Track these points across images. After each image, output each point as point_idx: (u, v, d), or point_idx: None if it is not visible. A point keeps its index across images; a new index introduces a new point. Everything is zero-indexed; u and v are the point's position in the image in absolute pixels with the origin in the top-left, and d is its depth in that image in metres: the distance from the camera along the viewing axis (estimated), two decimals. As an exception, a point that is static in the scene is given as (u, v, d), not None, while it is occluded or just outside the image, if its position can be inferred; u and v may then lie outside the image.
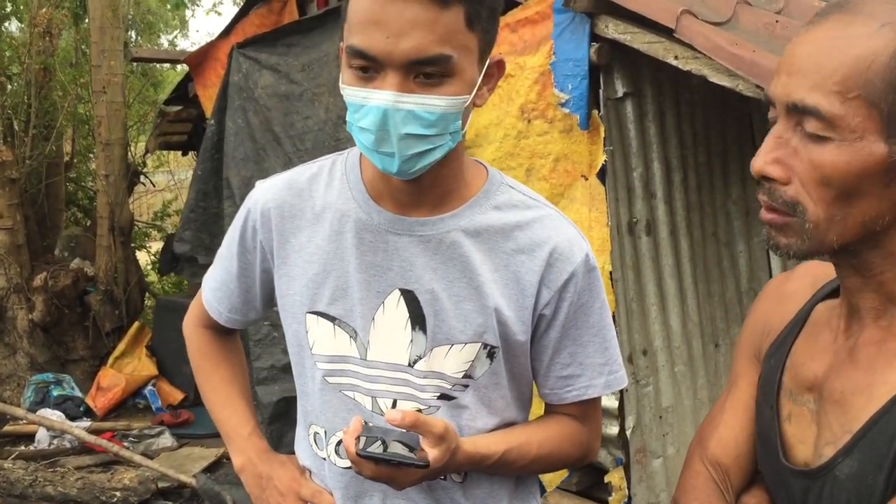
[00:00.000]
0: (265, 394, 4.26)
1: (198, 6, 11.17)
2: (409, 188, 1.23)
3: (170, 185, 8.72)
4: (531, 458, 1.30)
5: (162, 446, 4.96)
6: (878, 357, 0.93)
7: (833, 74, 0.85)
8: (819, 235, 0.90)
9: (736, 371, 1.20)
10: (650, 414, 3.30)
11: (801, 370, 1.04)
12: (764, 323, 1.16)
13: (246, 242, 1.37)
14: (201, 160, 4.85)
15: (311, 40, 4.23)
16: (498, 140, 3.37)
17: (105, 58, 5.90)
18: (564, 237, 1.27)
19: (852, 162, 0.86)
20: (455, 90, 1.13)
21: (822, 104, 0.86)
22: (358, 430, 1.14)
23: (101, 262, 6.03)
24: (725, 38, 2.66)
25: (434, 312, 1.25)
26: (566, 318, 1.28)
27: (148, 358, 5.83)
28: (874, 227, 0.89)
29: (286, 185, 1.34)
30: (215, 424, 1.47)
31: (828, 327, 1.04)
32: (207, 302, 1.46)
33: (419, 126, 1.12)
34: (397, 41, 1.08)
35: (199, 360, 1.51)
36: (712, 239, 3.58)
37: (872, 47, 0.84)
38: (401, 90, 1.10)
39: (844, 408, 0.95)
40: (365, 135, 1.14)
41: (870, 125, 0.85)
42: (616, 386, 1.34)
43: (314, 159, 1.39)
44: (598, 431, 1.42)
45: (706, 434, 1.19)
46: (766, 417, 1.08)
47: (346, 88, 1.15)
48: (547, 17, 3.16)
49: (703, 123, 3.51)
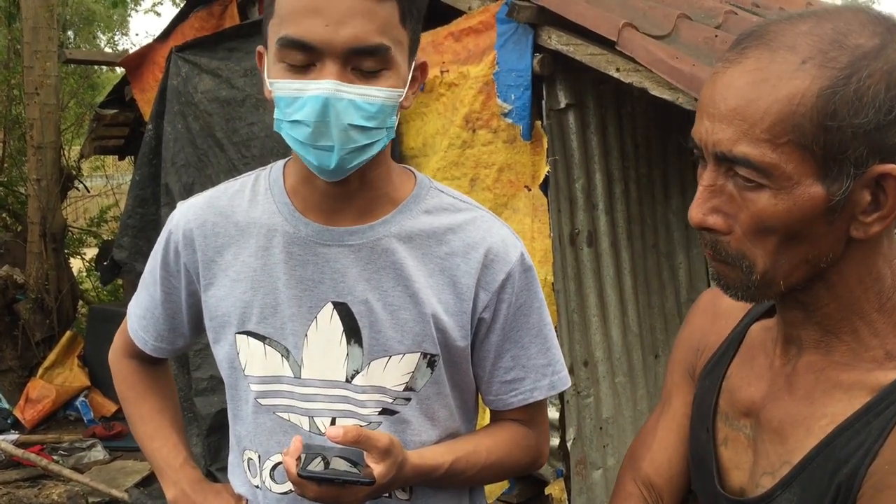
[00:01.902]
0: (204, 405, 4.16)
1: (137, 7, 10.95)
2: (336, 193, 1.20)
3: (106, 189, 8.48)
4: (480, 467, 1.27)
5: (93, 460, 4.82)
6: (816, 386, 0.92)
7: (760, 122, 0.81)
8: (766, 283, 0.88)
9: (668, 388, 1.18)
10: (591, 425, 3.31)
11: (738, 394, 1.02)
12: (698, 339, 1.14)
13: (169, 266, 1.32)
14: (139, 165, 4.73)
15: (253, 45, 4.15)
16: (443, 149, 3.35)
17: (38, 59, 5.72)
18: (498, 237, 1.25)
19: (792, 209, 0.83)
20: (392, 83, 1.12)
21: (752, 154, 0.82)
22: (298, 449, 1.10)
23: (31, 269, 5.83)
24: (666, 51, 2.69)
25: (369, 324, 1.22)
26: (506, 320, 1.26)
27: (80, 368, 5.64)
28: (819, 264, 0.87)
29: (207, 204, 1.30)
30: (146, 457, 1.42)
31: (763, 350, 1.02)
32: (133, 331, 1.41)
33: (360, 117, 1.10)
34: (337, 29, 1.06)
35: (126, 392, 1.46)
36: (653, 250, 3.62)
37: (797, 88, 0.80)
38: (341, 79, 1.08)
39: (782, 437, 0.93)
40: (300, 129, 1.10)
41: (804, 169, 0.82)
42: (561, 386, 1.32)
43: (250, 171, 1.35)
44: (546, 435, 1.40)
45: (639, 454, 1.17)
46: (702, 440, 1.06)
47: (277, 82, 1.11)
48: (490, 27, 3.16)
49: (645, 135, 3.55)
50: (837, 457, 0.86)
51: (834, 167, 0.81)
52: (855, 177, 0.81)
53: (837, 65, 0.80)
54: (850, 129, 0.80)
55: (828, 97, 0.80)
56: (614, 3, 3.10)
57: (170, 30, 4.68)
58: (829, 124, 0.80)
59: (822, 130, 0.80)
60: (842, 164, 0.81)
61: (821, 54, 0.81)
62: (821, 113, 0.80)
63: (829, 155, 0.81)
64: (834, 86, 0.80)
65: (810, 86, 0.80)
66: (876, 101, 0.79)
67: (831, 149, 0.81)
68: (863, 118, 0.79)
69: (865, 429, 0.85)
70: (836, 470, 0.85)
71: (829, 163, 0.81)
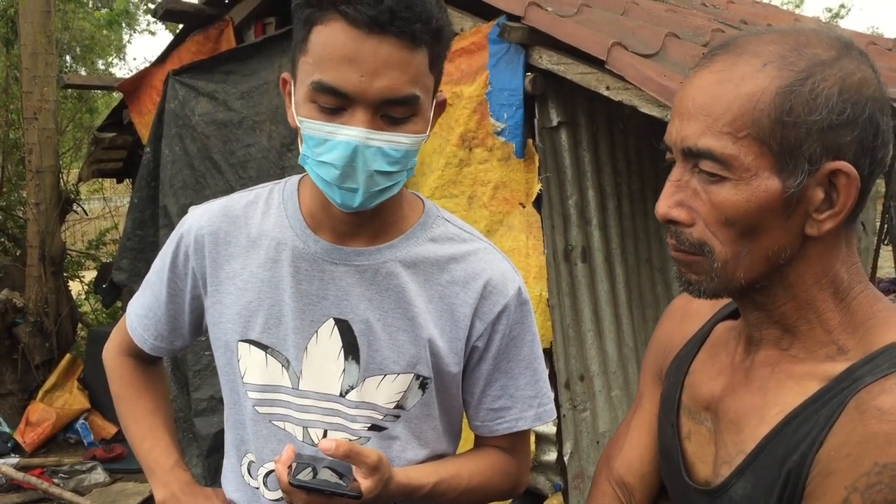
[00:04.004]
0: (204, 426, 4.17)
1: (135, 29, 11.03)
2: (349, 219, 1.24)
3: (105, 213, 8.51)
4: (461, 490, 1.31)
5: (94, 482, 4.81)
6: (770, 378, 0.96)
7: (723, 116, 0.88)
8: (727, 274, 0.93)
9: (640, 390, 1.23)
10: (588, 439, 3.33)
11: (699, 389, 1.07)
12: (666, 342, 1.19)
13: (177, 268, 1.35)
14: (137, 188, 4.76)
15: (250, 68, 4.21)
16: (440, 168, 3.40)
17: (37, 84, 5.78)
18: (498, 271, 1.29)
19: (750, 199, 0.89)
20: (417, 128, 1.15)
21: (714, 146, 0.89)
22: (290, 458, 1.13)
23: (30, 292, 5.85)
24: (654, 69, 2.74)
25: (368, 342, 1.25)
26: (498, 351, 1.30)
27: (80, 391, 5.64)
28: (778, 260, 0.92)
29: (221, 211, 1.33)
30: (136, 457, 1.42)
31: (726, 348, 1.07)
32: (132, 329, 1.43)
33: (386, 163, 1.13)
34: (371, 80, 1.08)
35: (121, 390, 1.47)
36: (646, 265, 3.65)
37: (757, 86, 0.87)
38: (371, 127, 1.10)
39: (738, 427, 0.98)
40: (328, 169, 1.13)
41: (762, 162, 0.88)
42: (546, 419, 1.36)
43: (251, 187, 1.38)
44: (527, 463, 1.44)
45: (612, 454, 1.21)
46: (668, 435, 1.10)
47: (307, 122, 1.13)
48: (483, 48, 3.21)
49: (636, 151, 3.59)
50: (787, 445, 0.90)
51: (790, 162, 0.87)
52: (809, 173, 0.87)
53: (795, 68, 0.87)
54: (804, 126, 0.86)
55: (785, 95, 0.87)
56: (603, 22, 3.16)
57: (167, 54, 4.73)
58: (785, 120, 0.86)
59: (780, 126, 0.87)
60: (797, 159, 0.87)
61: (781, 59, 0.88)
62: (778, 109, 0.87)
63: (785, 150, 0.87)
64: (791, 85, 0.87)
65: (769, 85, 0.87)
66: (829, 101, 0.86)
67: (787, 144, 0.87)
68: (817, 116, 0.86)
69: (813, 417, 0.89)
70: (785, 457, 0.90)
71: (785, 157, 0.87)
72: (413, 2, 1.08)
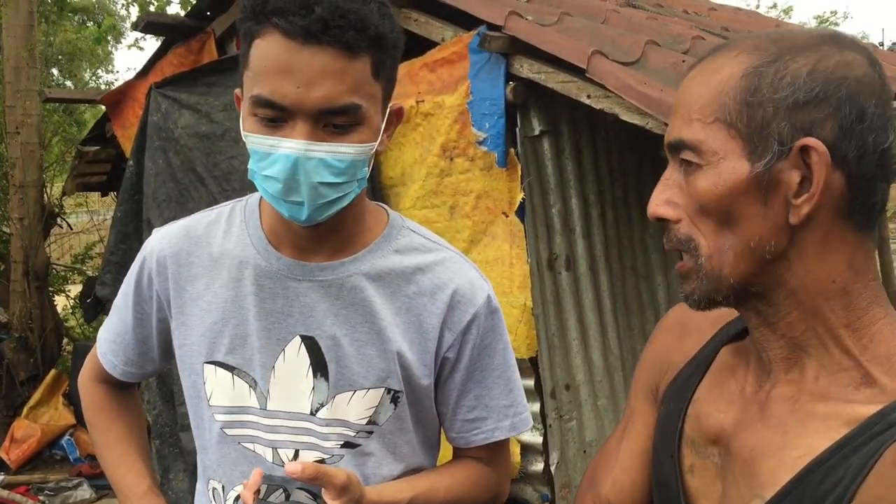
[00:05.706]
0: (190, 440, 4.14)
1: (120, 43, 11.01)
2: (309, 233, 1.22)
3: (89, 226, 8.46)
4: None
5: (80, 499, 4.78)
6: (789, 416, 0.89)
7: (694, 105, 0.89)
8: (714, 271, 0.89)
9: (631, 406, 1.17)
10: (574, 448, 3.31)
11: (706, 421, 0.99)
12: (662, 359, 1.12)
13: (142, 292, 1.33)
14: (120, 202, 4.73)
15: (232, 80, 4.20)
16: (421, 178, 3.39)
17: (20, 98, 5.75)
18: (466, 279, 1.28)
19: (718, 183, 0.87)
20: (363, 138, 1.13)
21: (685, 134, 0.89)
22: (257, 482, 1.11)
23: (14, 308, 5.81)
24: (635, 77, 2.73)
25: (336, 358, 1.23)
26: (470, 361, 1.28)
27: (65, 407, 5.61)
28: (764, 254, 0.87)
29: (183, 232, 1.31)
30: (111, 483, 1.42)
31: (734, 375, 1.00)
32: (102, 355, 1.42)
33: (329, 174, 1.11)
34: (308, 91, 1.07)
35: (94, 417, 1.46)
36: (631, 273, 3.65)
37: (727, 73, 0.87)
38: (311, 139, 1.09)
39: (753, 468, 0.90)
40: (271, 183, 1.12)
41: (731, 146, 0.87)
42: (522, 427, 1.35)
43: (214, 206, 1.37)
44: (506, 473, 1.42)
45: (600, 476, 1.15)
46: (667, 466, 1.03)
47: (251, 136, 1.12)
48: (464, 57, 3.21)
49: (619, 159, 3.59)
50: (814, 494, 0.83)
51: (759, 144, 0.86)
52: (780, 154, 0.85)
53: (766, 52, 0.87)
54: (770, 105, 0.85)
55: (751, 77, 0.86)
56: (584, 31, 3.16)
57: (149, 66, 4.71)
58: (750, 99, 0.85)
59: (745, 106, 0.86)
60: (767, 140, 0.85)
61: (755, 48, 0.88)
62: (744, 91, 0.86)
63: (752, 130, 0.86)
64: (759, 66, 0.86)
65: (737, 69, 0.87)
66: (797, 80, 0.84)
67: (754, 124, 0.86)
68: (783, 93, 0.84)
69: (843, 465, 0.82)
70: None
71: (753, 138, 0.86)
72: (348, 10, 1.07)
